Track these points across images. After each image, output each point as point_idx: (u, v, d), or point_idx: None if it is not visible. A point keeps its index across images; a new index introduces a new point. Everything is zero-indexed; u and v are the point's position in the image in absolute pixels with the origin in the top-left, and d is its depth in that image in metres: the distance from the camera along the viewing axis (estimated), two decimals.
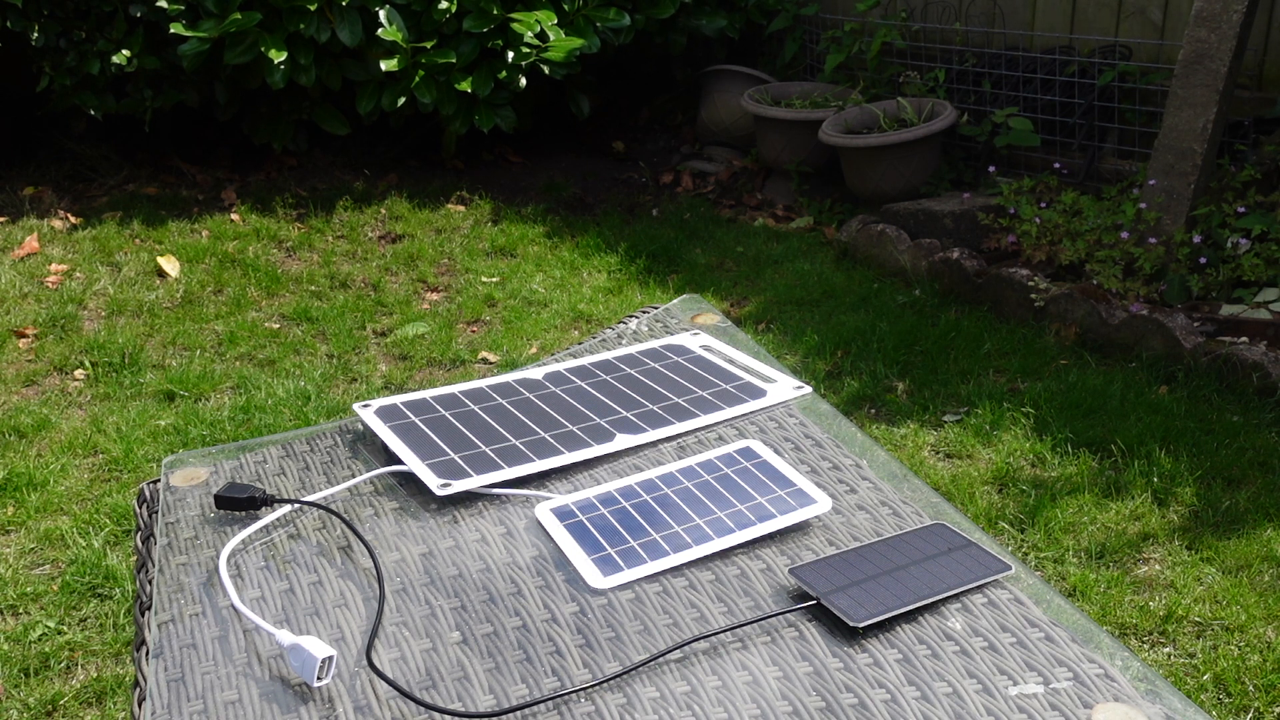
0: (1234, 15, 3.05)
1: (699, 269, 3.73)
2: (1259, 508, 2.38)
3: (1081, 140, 3.87)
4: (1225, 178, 3.30)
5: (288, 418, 2.85)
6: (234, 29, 3.83)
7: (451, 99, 4.10)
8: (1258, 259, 3.04)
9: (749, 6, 4.68)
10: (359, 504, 0.98)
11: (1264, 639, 2.04)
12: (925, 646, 0.71)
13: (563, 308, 3.46)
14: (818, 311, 3.39)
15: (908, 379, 3.00)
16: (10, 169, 4.38)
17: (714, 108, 4.66)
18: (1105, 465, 2.56)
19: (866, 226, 3.72)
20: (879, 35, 4.33)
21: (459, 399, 1.06)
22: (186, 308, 3.47)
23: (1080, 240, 3.28)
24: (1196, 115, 3.13)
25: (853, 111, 4.10)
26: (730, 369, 1.11)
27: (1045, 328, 3.16)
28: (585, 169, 4.69)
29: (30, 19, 3.96)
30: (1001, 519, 2.40)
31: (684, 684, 0.73)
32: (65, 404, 2.95)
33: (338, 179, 4.42)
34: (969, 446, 2.67)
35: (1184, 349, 2.88)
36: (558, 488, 0.93)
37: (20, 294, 3.49)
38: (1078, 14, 3.99)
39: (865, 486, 0.90)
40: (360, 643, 0.90)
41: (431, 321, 3.40)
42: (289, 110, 4.28)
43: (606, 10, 4.26)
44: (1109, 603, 2.15)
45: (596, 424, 1.00)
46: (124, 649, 2.10)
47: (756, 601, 0.82)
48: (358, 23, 3.94)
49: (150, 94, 4.11)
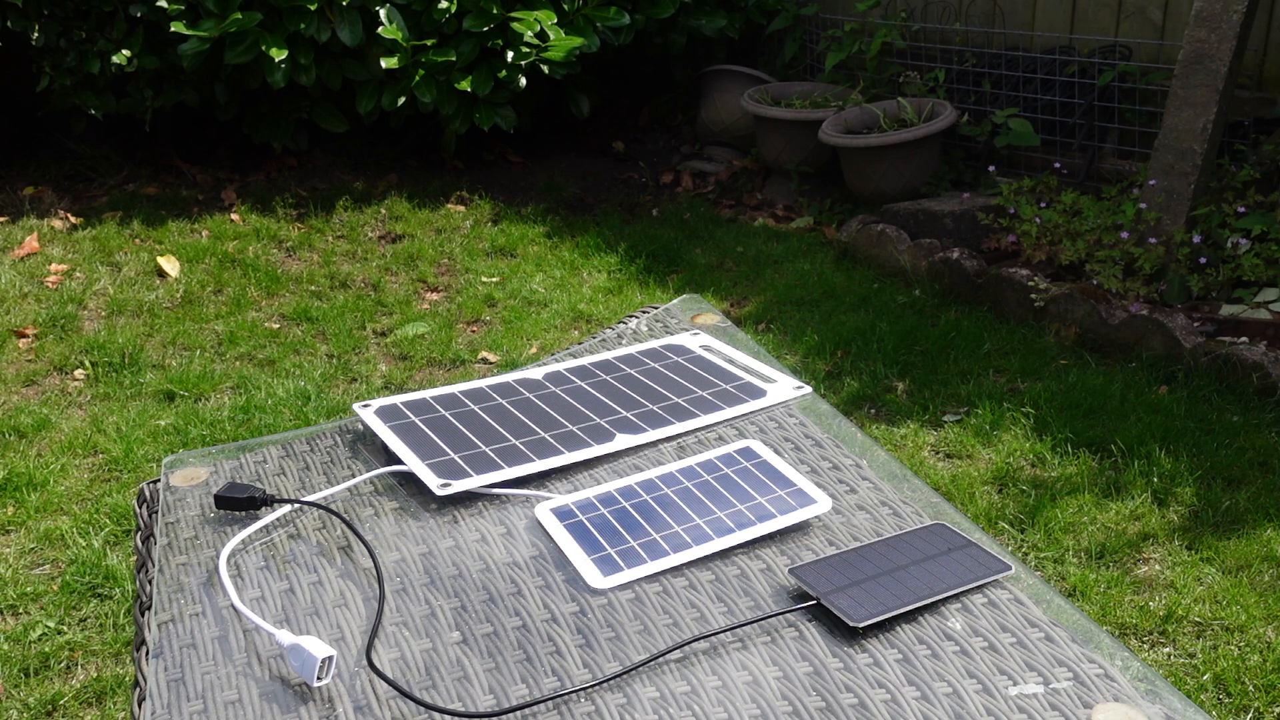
0: (1234, 15, 3.05)
1: (699, 269, 3.73)
2: (1259, 508, 2.38)
3: (1081, 140, 3.87)
4: (1225, 178, 3.30)
5: (288, 418, 2.85)
6: (234, 29, 3.83)
7: (451, 98, 4.10)
8: (1258, 259, 3.04)
9: (749, 6, 4.68)
10: (359, 504, 0.99)
11: (1264, 639, 2.04)
12: (925, 646, 0.71)
13: (563, 308, 3.46)
14: (818, 311, 3.39)
15: (908, 379, 3.00)
16: (10, 169, 4.38)
17: (714, 108, 4.66)
18: (1105, 465, 2.56)
19: (866, 226, 3.72)
20: (879, 35, 4.33)
21: (459, 399, 1.06)
22: (186, 308, 3.47)
23: (1080, 240, 3.28)
24: (1196, 115, 3.13)
25: (853, 111, 4.10)
26: (730, 369, 1.11)
27: (1045, 328, 3.16)
28: (585, 169, 4.69)
29: (30, 19, 3.96)
30: (1001, 519, 2.40)
31: (684, 684, 0.73)
32: (65, 404, 2.95)
33: (338, 179, 4.42)
34: (969, 446, 2.67)
35: (1184, 349, 2.88)
36: (558, 488, 0.93)
37: (20, 294, 3.50)
38: (1078, 14, 3.99)
39: (865, 486, 0.90)
40: (360, 643, 0.90)
41: (431, 321, 3.40)
42: (289, 110, 4.28)
43: (606, 10, 4.26)
44: (1109, 603, 2.15)
45: (596, 424, 1.00)
46: (124, 649, 2.10)
47: (756, 601, 0.82)
48: (358, 22, 3.94)
49: (150, 94, 4.11)
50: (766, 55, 4.95)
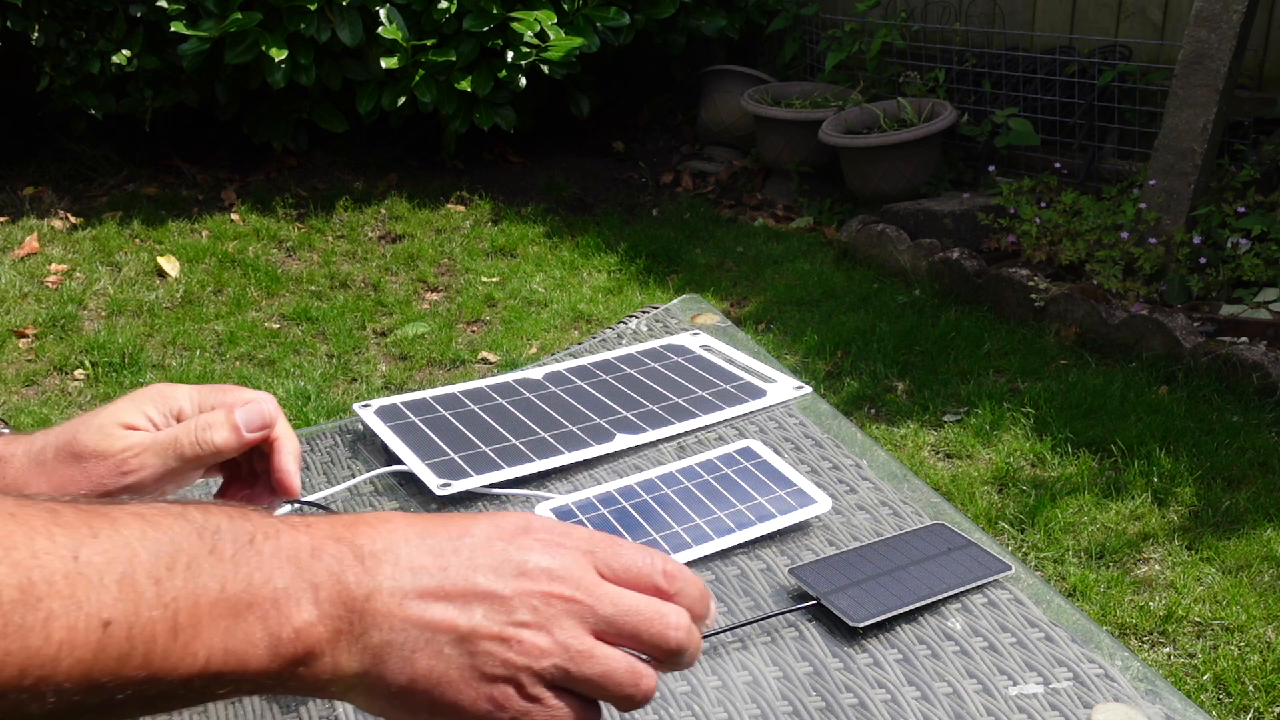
0: (1234, 15, 3.05)
1: (699, 269, 3.73)
2: (1259, 508, 2.38)
3: (1081, 140, 3.87)
4: (1225, 178, 3.30)
5: (288, 418, 2.85)
6: (234, 29, 3.83)
7: (451, 98, 4.10)
8: (1258, 259, 3.04)
9: (749, 6, 4.68)
10: (359, 504, 0.98)
11: (1264, 639, 2.04)
12: (925, 646, 0.71)
13: (563, 308, 3.46)
14: (818, 311, 3.39)
15: (908, 379, 3.00)
16: (10, 169, 4.38)
17: (714, 108, 4.66)
18: (1105, 465, 2.56)
19: (866, 226, 3.72)
20: (879, 35, 4.33)
21: (459, 399, 1.06)
22: (186, 308, 3.47)
23: (1080, 240, 3.27)
24: (1196, 115, 3.13)
25: (853, 111, 4.10)
26: (730, 369, 1.11)
27: (1045, 328, 3.16)
28: (585, 169, 4.69)
29: (30, 19, 3.96)
30: (1001, 519, 2.40)
31: (684, 684, 0.73)
32: (65, 404, 2.95)
33: (338, 179, 4.42)
34: (969, 446, 2.67)
35: (1184, 349, 2.88)
36: (558, 488, 0.93)
37: (20, 294, 3.49)
38: (1078, 14, 3.99)
39: (865, 486, 0.90)
40: None
41: (431, 321, 3.40)
42: (289, 110, 4.28)
43: (606, 10, 4.26)
44: (1109, 603, 2.15)
45: (596, 424, 1.00)
46: None
47: (756, 601, 0.82)
48: (358, 22, 3.94)
49: (150, 94, 4.11)
50: (766, 55, 4.95)
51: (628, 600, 0.53)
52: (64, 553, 0.45)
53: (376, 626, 0.50)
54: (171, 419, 0.73)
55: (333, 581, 0.50)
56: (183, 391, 0.74)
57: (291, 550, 0.50)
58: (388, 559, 0.51)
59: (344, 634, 0.49)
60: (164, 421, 0.73)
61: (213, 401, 0.74)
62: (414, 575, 0.51)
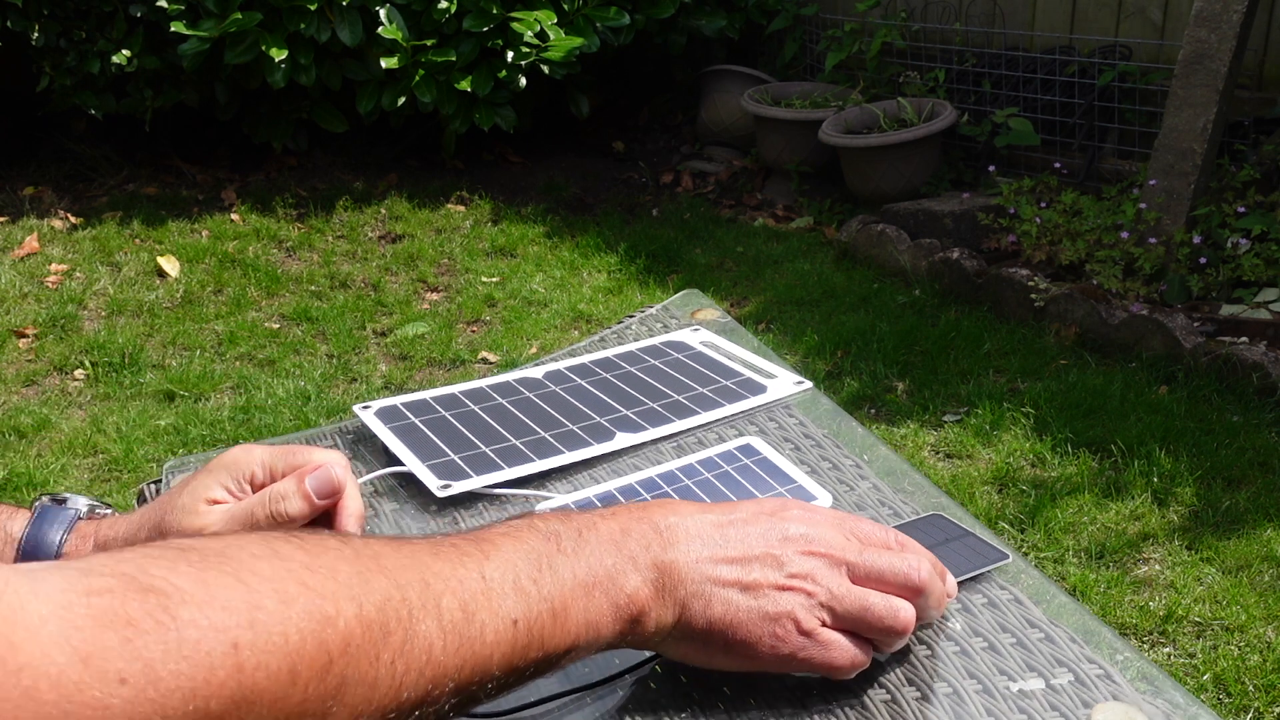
0: (1234, 15, 3.05)
1: (699, 269, 3.73)
2: (1259, 508, 2.38)
3: (1081, 140, 3.87)
4: (1225, 178, 3.30)
5: (288, 418, 2.85)
6: (234, 29, 3.83)
7: (451, 98, 4.10)
8: (1258, 259, 3.04)
9: (749, 6, 4.68)
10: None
11: (1264, 639, 2.04)
12: (925, 646, 0.71)
13: (563, 308, 3.46)
14: (818, 311, 3.39)
15: (908, 379, 3.00)
16: (10, 169, 4.38)
17: (714, 108, 4.66)
18: (1105, 465, 2.56)
19: (866, 226, 3.72)
20: (879, 35, 4.33)
21: (459, 399, 1.05)
22: (186, 308, 3.47)
23: (1080, 240, 3.27)
24: (1196, 115, 3.13)
25: (853, 111, 4.10)
26: (730, 365, 1.11)
27: (1045, 328, 3.16)
28: (585, 169, 4.68)
29: (30, 19, 3.95)
30: (1001, 519, 2.40)
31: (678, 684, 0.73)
32: (65, 404, 2.95)
33: (338, 179, 4.42)
34: (969, 446, 2.66)
35: (1184, 349, 2.88)
36: (558, 488, 0.93)
37: (20, 294, 3.49)
38: (1078, 14, 3.99)
39: (865, 485, 0.90)
40: None
41: (431, 321, 3.39)
42: (289, 110, 4.28)
43: (606, 10, 4.26)
44: (1109, 603, 2.15)
45: (597, 422, 1.00)
46: None
47: None
48: (358, 22, 3.93)
49: (150, 94, 4.11)
50: (766, 55, 4.95)
51: (871, 551, 0.66)
52: (474, 574, 0.58)
53: (680, 584, 0.63)
54: (246, 485, 0.79)
55: (645, 553, 0.63)
56: (256, 455, 0.80)
57: (609, 535, 0.64)
58: (680, 531, 0.65)
59: (661, 591, 0.63)
60: (239, 489, 0.79)
61: (284, 465, 0.79)
62: (702, 543, 0.65)
